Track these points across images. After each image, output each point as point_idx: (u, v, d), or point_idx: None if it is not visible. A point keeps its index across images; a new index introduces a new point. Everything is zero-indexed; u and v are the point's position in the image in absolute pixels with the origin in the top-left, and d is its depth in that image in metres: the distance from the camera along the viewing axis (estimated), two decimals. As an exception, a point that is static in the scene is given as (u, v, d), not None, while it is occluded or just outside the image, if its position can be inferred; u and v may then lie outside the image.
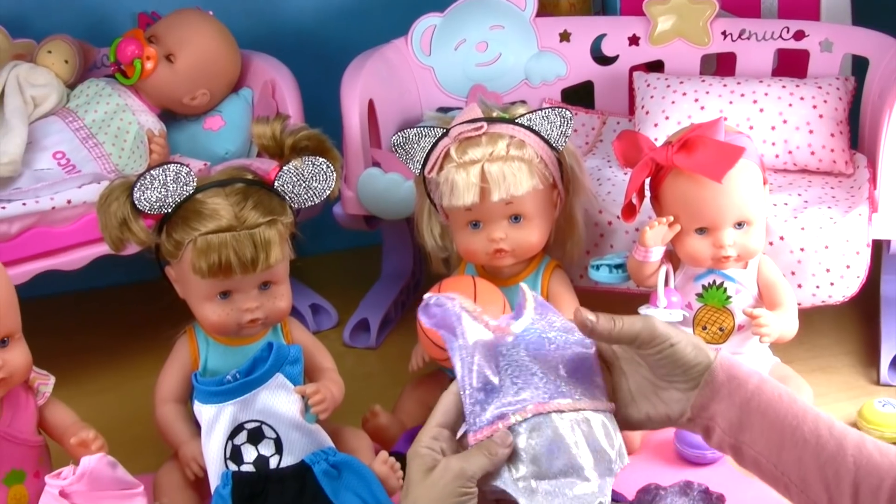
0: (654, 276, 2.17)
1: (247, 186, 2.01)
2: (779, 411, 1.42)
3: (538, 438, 1.48)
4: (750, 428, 1.42)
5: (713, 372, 1.43)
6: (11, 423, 1.89)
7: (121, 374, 2.57)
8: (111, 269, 2.49)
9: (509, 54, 2.79)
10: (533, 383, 1.52)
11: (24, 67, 2.57)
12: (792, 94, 2.50)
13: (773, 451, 1.41)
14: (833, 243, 2.22)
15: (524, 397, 1.50)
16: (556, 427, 1.50)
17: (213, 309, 2.03)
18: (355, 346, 2.67)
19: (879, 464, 1.37)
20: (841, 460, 1.38)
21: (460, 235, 2.22)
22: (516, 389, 1.50)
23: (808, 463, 1.39)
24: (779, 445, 1.41)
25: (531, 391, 1.52)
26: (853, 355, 2.51)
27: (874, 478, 1.36)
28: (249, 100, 2.74)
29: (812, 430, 1.40)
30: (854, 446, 1.39)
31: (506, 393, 1.51)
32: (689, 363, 1.44)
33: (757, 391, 1.43)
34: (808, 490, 1.39)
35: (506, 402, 1.50)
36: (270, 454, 1.99)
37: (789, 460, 1.40)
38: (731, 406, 1.43)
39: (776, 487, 1.44)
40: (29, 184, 2.39)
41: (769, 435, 1.41)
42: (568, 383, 1.54)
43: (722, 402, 1.43)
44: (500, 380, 1.52)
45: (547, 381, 1.53)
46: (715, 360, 1.43)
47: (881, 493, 1.35)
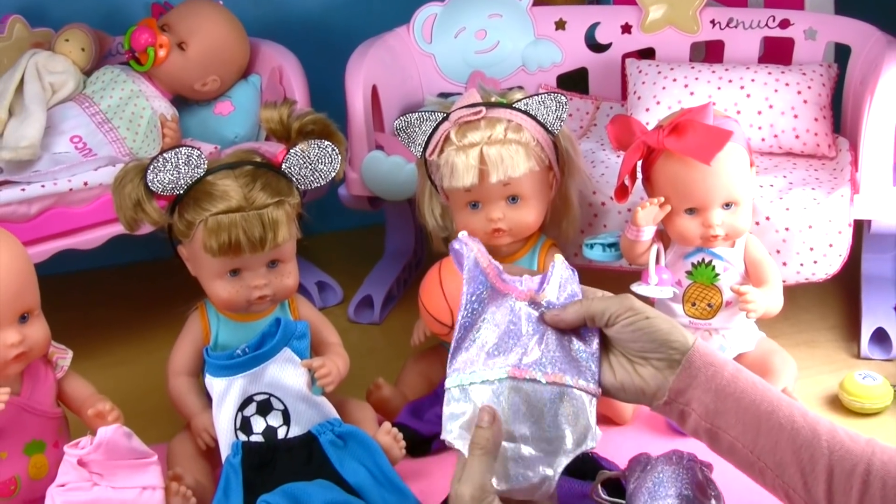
0: (646, 254, 2.17)
1: (255, 169, 2.01)
2: (754, 398, 1.42)
3: (505, 402, 1.48)
4: (726, 413, 1.42)
5: (690, 357, 1.43)
6: (31, 395, 1.89)
7: (135, 348, 2.57)
8: (126, 247, 2.49)
9: (507, 42, 2.79)
10: (520, 347, 1.52)
11: (43, 55, 2.57)
12: (777, 81, 2.49)
13: (750, 437, 1.41)
14: (816, 223, 2.22)
15: (511, 360, 1.51)
16: (526, 394, 1.49)
17: (224, 286, 2.03)
18: (359, 322, 2.67)
19: (851, 449, 1.37)
20: (815, 445, 1.38)
21: (460, 215, 2.21)
22: (505, 349, 1.51)
23: (783, 448, 1.39)
24: (755, 430, 1.41)
25: (515, 355, 1.52)
26: (835, 330, 2.51)
27: (847, 462, 1.36)
28: (258, 86, 2.74)
29: (787, 415, 1.40)
30: (827, 432, 1.39)
31: (495, 350, 1.52)
32: (663, 338, 1.44)
33: (733, 378, 1.43)
34: (784, 475, 1.39)
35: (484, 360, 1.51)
36: (278, 425, 1.99)
37: (765, 445, 1.40)
38: (707, 391, 1.42)
39: (751, 473, 1.44)
40: (47, 167, 2.39)
41: (745, 420, 1.41)
42: (556, 357, 1.54)
43: (699, 387, 1.43)
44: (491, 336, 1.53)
45: (534, 348, 1.53)
46: (693, 346, 1.43)
47: (854, 477, 1.35)
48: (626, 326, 1.46)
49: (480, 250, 1.58)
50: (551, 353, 1.54)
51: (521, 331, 1.55)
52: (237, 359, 1.98)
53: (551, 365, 1.53)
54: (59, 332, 1.93)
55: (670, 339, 1.45)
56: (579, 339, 1.55)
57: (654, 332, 1.45)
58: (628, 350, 1.49)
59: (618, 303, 1.49)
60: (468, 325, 1.54)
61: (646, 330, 1.45)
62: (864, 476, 1.34)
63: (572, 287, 1.61)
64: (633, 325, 1.46)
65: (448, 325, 2.11)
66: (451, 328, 2.10)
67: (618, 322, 1.47)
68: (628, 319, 1.46)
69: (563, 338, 1.56)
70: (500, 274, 1.58)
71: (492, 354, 1.52)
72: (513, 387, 1.48)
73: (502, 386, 1.48)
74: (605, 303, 1.50)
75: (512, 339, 1.53)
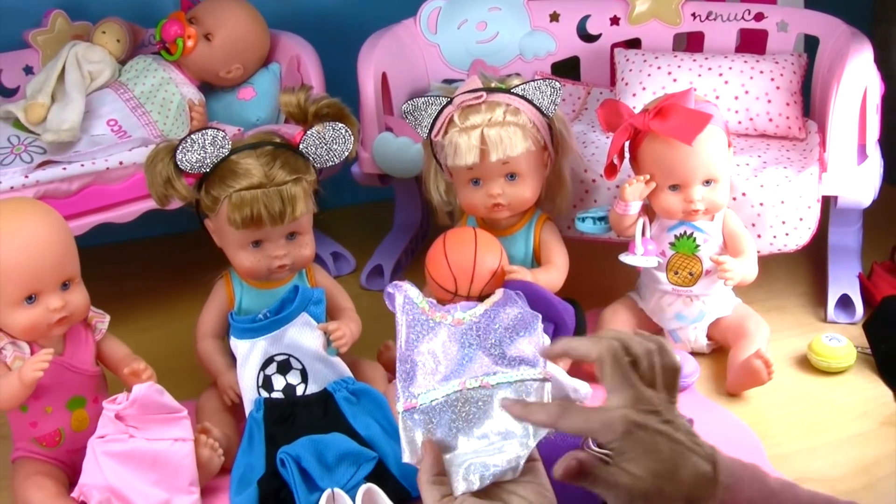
0: (633, 227, 2.17)
1: (275, 149, 2.01)
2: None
3: (456, 413, 1.46)
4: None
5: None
6: (73, 355, 1.90)
7: (167, 313, 2.57)
8: (157, 221, 2.48)
9: (506, 33, 2.78)
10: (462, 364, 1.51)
11: (82, 46, 2.57)
12: (753, 69, 2.49)
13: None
14: (788, 199, 2.22)
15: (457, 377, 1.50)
16: (475, 400, 1.48)
17: (247, 256, 2.03)
18: (371, 289, 2.66)
19: None
20: None
21: (462, 191, 2.21)
22: (448, 369, 1.50)
23: None
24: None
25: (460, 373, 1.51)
26: (804, 296, 2.51)
27: None
28: (277, 73, 2.73)
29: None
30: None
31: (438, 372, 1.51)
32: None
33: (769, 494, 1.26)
34: None
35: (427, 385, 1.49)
36: (297, 383, 2.00)
37: None
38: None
39: None
40: (86, 147, 2.39)
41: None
42: (498, 361, 1.53)
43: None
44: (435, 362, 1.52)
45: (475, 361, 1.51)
46: (719, 478, 1.21)
47: None
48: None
49: (411, 289, 1.59)
50: (493, 359, 1.53)
51: (462, 352, 1.54)
52: (259, 322, 1.99)
53: (494, 368, 1.51)
54: (97, 298, 1.93)
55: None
56: (522, 332, 1.54)
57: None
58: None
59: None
60: (409, 356, 1.52)
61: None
62: None
63: (516, 310, 1.59)
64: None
65: (452, 291, 2.10)
66: (454, 294, 2.10)
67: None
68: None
69: (505, 339, 1.55)
70: (433, 305, 1.58)
71: (435, 376, 1.51)
72: (461, 398, 1.47)
73: (450, 398, 1.47)
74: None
75: (453, 361, 1.52)
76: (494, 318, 1.56)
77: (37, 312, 1.80)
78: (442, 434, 1.44)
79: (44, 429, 1.88)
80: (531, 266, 2.23)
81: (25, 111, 2.44)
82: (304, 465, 1.83)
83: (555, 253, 2.22)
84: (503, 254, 2.14)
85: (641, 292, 2.29)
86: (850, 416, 2.06)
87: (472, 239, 2.13)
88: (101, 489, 1.78)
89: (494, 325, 1.55)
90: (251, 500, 1.82)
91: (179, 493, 1.84)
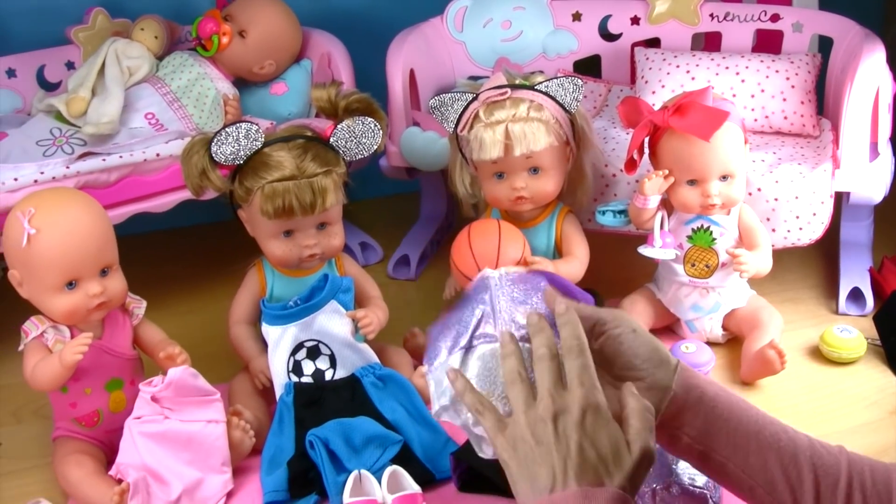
0: (652, 220, 2.16)
1: (306, 142, 2.01)
2: (740, 417, 1.30)
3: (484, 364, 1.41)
4: (717, 434, 1.29)
5: (679, 379, 1.28)
6: (111, 339, 1.91)
7: (201, 299, 2.57)
8: (192, 211, 2.49)
9: (529, 31, 2.77)
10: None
11: (121, 42, 2.58)
12: (769, 68, 2.47)
13: (741, 456, 1.29)
14: (802, 194, 2.20)
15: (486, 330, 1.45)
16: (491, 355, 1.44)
17: (278, 245, 2.03)
18: (397, 278, 2.66)
19: (829, 462, 1.28)
20: (801, 462, 1.28)
21: (487, 184, 2.20)
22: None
23: (772, 465, 1.29)
24: (745, 450, 1.29)
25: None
26: (816, 289, 2.49)
27: (830, 477, 1.27)
28: (309, 69, 2.73)
29: (772, 434, 1.30)
30: (807, 447, 1.30)
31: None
32: (651, 347, 1.30)
33: (718, 399, 1.30)
34: (774, 492, 1.28)
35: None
36: (326, 368, 2.00)
37: (756, 464, 1.29)
38: (697, 415, 1.29)
39: (740, 492, 1.32)
40: (125, 140, 2.39)
41: (735, 441, 1.29)
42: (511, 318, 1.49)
43: (689, 410, 1.29)
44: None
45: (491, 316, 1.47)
46: (676, 372, 1.29)
47: (838, 490, 1.26)
48: (613, 339, 1.30)
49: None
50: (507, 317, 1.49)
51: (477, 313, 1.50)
52: (290, 309, 1.99)
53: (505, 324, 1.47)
54: (134, 284, 1.94)
55: (660, 350, 1.30)
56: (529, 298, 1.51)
57: (643, 345, 1.30)
58: (614, 371, 1.31)
59: (608, 313, 1.33)
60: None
61: (631, 344, 1.29)
62: (847, 489, 1.26)
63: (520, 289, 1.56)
64: (619, 337, 1.30)
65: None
66: (478, 284, 2.09)
67: (605, 331, 1.31)
68: (616, 332, 1.30)
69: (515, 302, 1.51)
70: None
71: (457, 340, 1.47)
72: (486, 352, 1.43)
73: (472, 353, 1.42)
74: (596, 311, 1.33)
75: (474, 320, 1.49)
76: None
77: (77, 298, 1.80)
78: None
79: (83, 409, 1.89)
80: (553, 257, 2.22)
81: (67, 104, 2.44)
82: (332, 447, 1.84)
83: (576, 245, 2.21)
84: (526, 245, 2.13)
85: (659, 283, 2.28)
86: (860, 405, 2.06)
87: (496, 230, 2.12)
88: (136, 468, 1.79)
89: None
90: (281, 481, 1.82)
91: (212, 473, 1.84)
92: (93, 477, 1.83)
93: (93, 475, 1.84)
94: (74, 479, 1.84)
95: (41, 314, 1.86)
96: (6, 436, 2.11)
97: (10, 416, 2.17)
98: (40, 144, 2.36)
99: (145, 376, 1.93)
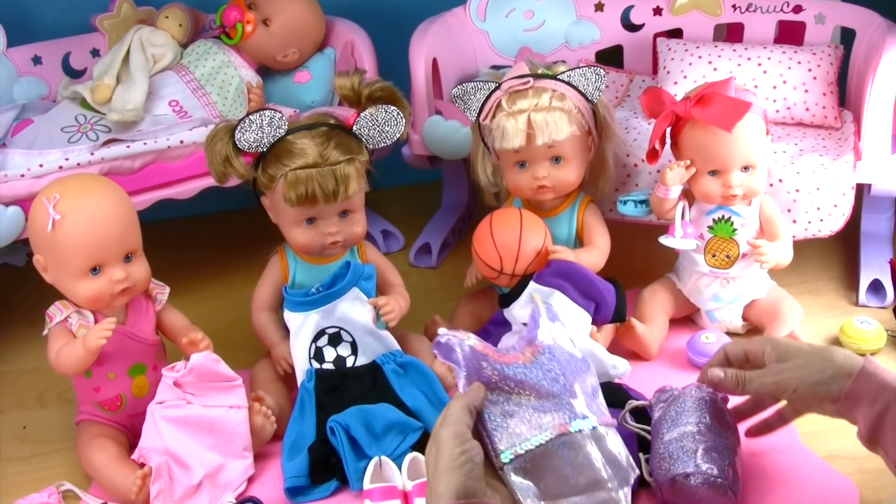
0: (673, 210, 2.15)
1: (330, 130, 2.00)
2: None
3: (562, 457, 1.46)
4: (884, 436, 1.36)
5: (852, 385, 1.37)
6: (134, 324, 1.91)
7: (224, 285, 2.57)
8: (216, 198, 2.48)
9: (552, 21, 2.75)
10: (552, 406, 1.52)
11: (146, 30, 2.58)
12: (790, 59, 2.45)
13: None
14: (823, 186, 2.19)
15: (545, 421, 1.49)
16: (578, 444, 1.48)
17: (301, 232, 2.02)
18: (419, 266, 2.65)
19: None
20: None
21: (509, 173, 2.19)
22: (537, 415, 1.52)
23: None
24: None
25: (551, 414, 1.51)
26: (837, 280, 2.48)
27: None
28: (332, 57, 2.72)
29: None
30: None
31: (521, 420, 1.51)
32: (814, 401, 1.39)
33: (890, 404, 1.36)
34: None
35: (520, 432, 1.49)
36: (347, 355, 2.00)
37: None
38: (867, 418, 1.37)
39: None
40: (149, 127, 2.40)
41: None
42: (582, 401, 1.54)
43: (861, 411, 1.36)
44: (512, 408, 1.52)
45: (562, 402, 1.53)
46: (856, 374, 1.36)
47: None
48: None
49: (471, 336, 1.59)
50: (585, 401, 1.54)
51: (549, 390, 1.54)
52: (312, 296, 1.99)
53: (590, 412, 1.54)
54: (158, 270, 1.94)
55: (830, 369, 1.39)
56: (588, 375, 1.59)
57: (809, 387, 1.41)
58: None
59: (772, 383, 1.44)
60: (492, 406, 1.54)
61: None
62: None
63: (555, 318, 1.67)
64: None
65: (497, 269, 2.09)
66: (499, 272, 2.10)
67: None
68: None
69: (584, 383, 1.58)
70: (497, 351, 1.59)
71: (532, 419, 1.51)
72: (563, 442, 1.47)
73: (553, 443, 1.47)
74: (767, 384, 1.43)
75: (546, 401, 1.52)
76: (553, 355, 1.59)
77: (101, 283, 1.81)
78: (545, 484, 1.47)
79: (106, 394, 1.90)
80: (574, 246, 2.21)
81: (92, 92, 2.45)
82: (352, 433, 1.83)
83: (597, 234, 2.21)
84: (547, 234, 2.12)
85: (679, 273, 2.27)
86: (880, 397, 2.04)
87: (518, 219, 2.12)
88: (159, 452, 1.79)
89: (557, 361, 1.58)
90: (302, 466, 1.82)
91: (233, 458, 1.85)
92: (115, 461, 1.84)
93: (115, 459, 1.84)
94: (97, 463, 1.84)
95: (65, 299, 1.87)
96: (30, 419, 2.12)
97: (34, 399, 2.18)
98: (65, 131, 2.37)
99: (168, 362, 1.93)
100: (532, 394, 1.54)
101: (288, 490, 1.81)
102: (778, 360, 1.40)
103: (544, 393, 1.54)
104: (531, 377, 1.55)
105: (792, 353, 1.38)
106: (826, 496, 1.72)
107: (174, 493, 1.78)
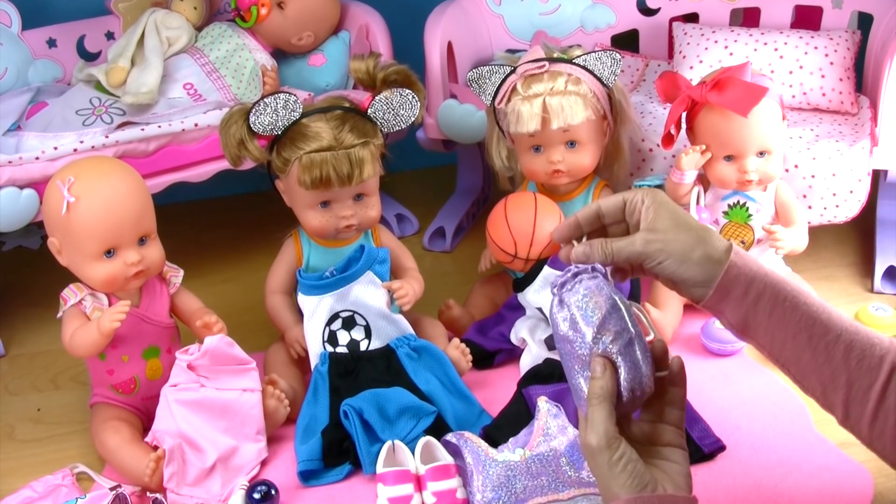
0: (688, 195, 2.14)
1: (344, 113, 1.99)
2: (786, 319, 1.33)
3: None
4: (755, 328, 1.34)
5: (723, 277, 1.33)
6: (149, 307, 1.91)
7: (238, 269, 2.57)
8: (231, 181, 2.49)
9: (567, 5, 2.74)
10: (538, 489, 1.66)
11: (161, 13, 2.58)
12: (807, 44, 2.44)
13: (776, 347, 1.35)
14: (839, 171, 2.18)
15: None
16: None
17: (315, 216, 2.02)
18: (433, 250, 2.65)
19: (870, 367, 1.30)
20: (836, 364, 1.31)
21: (524, 158, 2.19)
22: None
23: (805, 363, 1.33)
24: (781, 343, 1.34)
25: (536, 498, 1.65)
26: (852, 267, 2.46)
27: (865, 380, 1.29)
28: (347, 41, 2.71)
29: (814, 335, 1.32)
30: (845, 347, 1.31)
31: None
32: (678, 279, 1.35)
33: (760, 297, 1.34)
34: (805, 381, 1.34)
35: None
36: (361, 338, 1.99)
37: (790, 357, 1.34)
38: (736, 309, 1.34)
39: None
40: (163, 110, 2.39)
41: (772, 333, 1.34)
42: (566, 479, 1.67)
43: (729, 304, 1.34)
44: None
45: (551, 483, 1.67)
46: (726, 265, 1.33)
47: (872, 392, 1.29)
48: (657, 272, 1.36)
49: (471, 436, 1.73)
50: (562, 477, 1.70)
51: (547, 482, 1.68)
52: (326, 280, 1.99)
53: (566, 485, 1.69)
54: (172, 253, 1.94)
55: (707, 261, 1.34)
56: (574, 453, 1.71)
57: (687, 269, 1.34)
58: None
59: (641, 243, 1.36)
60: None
61: (675, 270, 1.35)
62: (881, 391, 1.28)
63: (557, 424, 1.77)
64: (652, 270, 1.36)
65: (511, 254, 2.09)
66: (513, 257, 2.09)
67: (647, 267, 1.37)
68: (657, 267, 1.35)
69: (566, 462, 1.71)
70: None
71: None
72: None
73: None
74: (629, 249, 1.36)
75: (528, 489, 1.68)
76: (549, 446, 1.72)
77: (115, 266, 1.80)
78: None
79: (120, 376, 1.90)
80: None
81: (107, 74, 2.45)
82: (366, 417, 1.83)
83: (611, 219, 2.19)
84: (562, 218, 2.11)
85: (694, 259, 2.25)
86: (894, 383, 2.03)
87: (532, 203, 2.11)
88: (172, 435, 1.79)
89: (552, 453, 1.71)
90: (315, 450, 1.82)
91: (247, 441, 1.85)
92: (129, 443, 1.84)
93: (129, 441, 1.84)
94: (111, 445, 1.84)
95: (80, 282, 1.86)
96: (45, 401, 2.12)
97: (48, 382, 2.18)
98: (80, 114, 2.36)
99: (182, 344, 1.93)
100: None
101: (301, 473, 1.81)
102: (650, 226, 1.35)
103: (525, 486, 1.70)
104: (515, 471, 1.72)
105: (666, 221, 1.34)
106: (840, 483, 1.71)
107: (187, 476, 1.77)
